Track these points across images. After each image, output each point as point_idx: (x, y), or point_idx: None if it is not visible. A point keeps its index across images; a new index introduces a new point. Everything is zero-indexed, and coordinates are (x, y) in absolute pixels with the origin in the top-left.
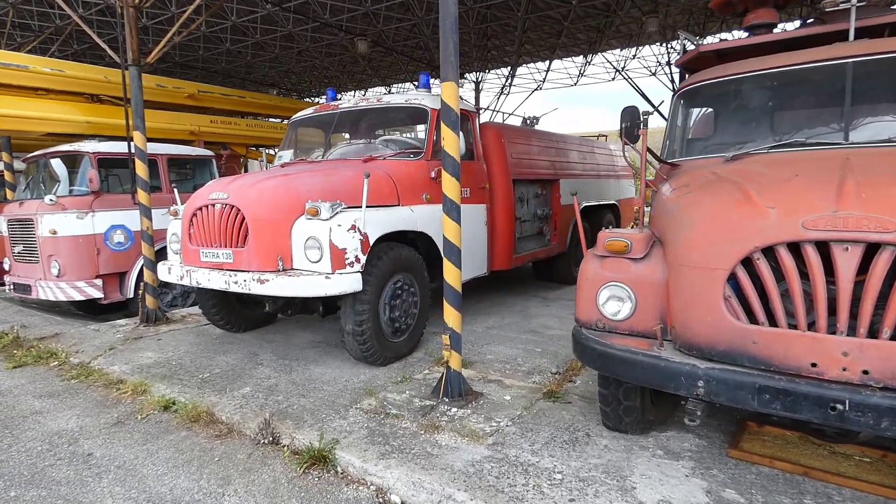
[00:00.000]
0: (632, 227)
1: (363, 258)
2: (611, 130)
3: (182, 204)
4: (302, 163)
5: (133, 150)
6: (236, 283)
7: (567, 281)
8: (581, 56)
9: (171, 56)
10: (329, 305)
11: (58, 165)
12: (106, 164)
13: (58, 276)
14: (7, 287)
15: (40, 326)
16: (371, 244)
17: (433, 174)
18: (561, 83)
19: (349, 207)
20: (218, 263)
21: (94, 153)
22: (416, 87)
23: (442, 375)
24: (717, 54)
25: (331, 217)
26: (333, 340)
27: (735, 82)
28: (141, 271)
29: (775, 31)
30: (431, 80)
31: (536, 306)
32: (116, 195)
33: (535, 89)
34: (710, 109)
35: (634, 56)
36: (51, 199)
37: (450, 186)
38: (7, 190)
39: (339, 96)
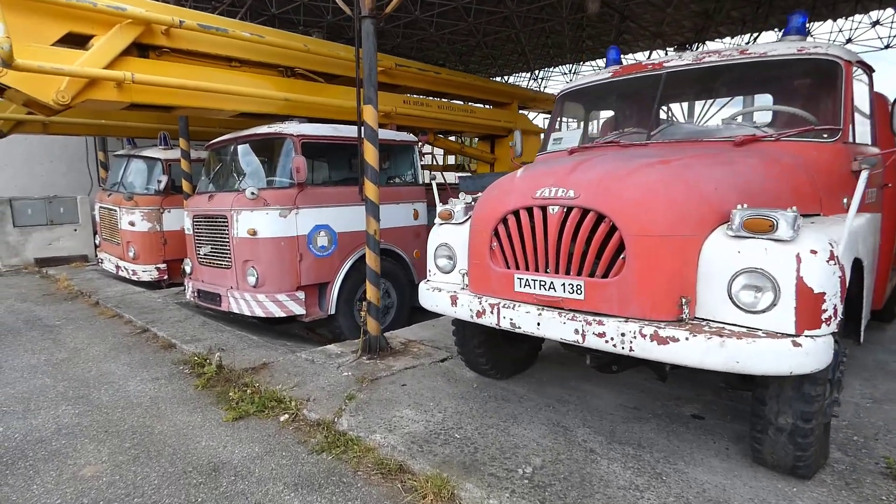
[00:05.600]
0: None
1: (841, 309)
2: None
3: (444, 203)
4: (613, 146)
5: (364, 132)
6: (602, 335)
7: (880, 317)
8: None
9: (349, 29)
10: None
11: (254, 152)
12: (309, 150)
13: (255, 287)
14: (190, 294)
15: (240, 350)
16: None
17: (862, 166)
18: None
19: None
20: (553, 300)
21: (298, 136)
22: (782, 35)
23: None
24: None
25: (794, 237)
26: (654, 407)
27: None
28: (344, 283)
29: None
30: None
31: (889, 360)
32: (319, 188)
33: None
34: None
35: (875, 23)
36: (252, 193)
37: None
38: (184, 181)
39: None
